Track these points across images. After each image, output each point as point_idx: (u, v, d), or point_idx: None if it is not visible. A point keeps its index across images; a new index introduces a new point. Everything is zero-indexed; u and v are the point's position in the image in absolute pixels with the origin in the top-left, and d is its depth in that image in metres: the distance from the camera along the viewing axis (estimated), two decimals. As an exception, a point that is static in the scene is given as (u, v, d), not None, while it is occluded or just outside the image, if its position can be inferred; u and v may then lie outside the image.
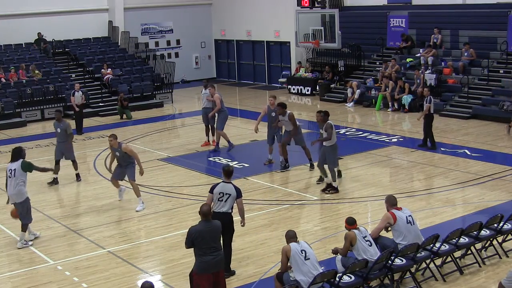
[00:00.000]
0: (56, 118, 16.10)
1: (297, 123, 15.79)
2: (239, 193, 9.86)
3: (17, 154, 11.75)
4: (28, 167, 11.65)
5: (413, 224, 9.55)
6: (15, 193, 11.54)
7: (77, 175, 16.14)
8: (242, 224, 10.11)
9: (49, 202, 14.49)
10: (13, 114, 24.34)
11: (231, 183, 9.91)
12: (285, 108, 15.78)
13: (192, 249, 8.54)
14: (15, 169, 11.54)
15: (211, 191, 9.87)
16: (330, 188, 14.06)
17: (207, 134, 19.05)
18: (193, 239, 8.45)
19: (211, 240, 8.47)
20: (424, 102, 17.36)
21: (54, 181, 15.85)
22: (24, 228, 11.73)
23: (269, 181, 15.32)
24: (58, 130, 15.92)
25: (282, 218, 12.72)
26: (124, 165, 13.66)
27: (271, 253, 10.86)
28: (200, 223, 8.60)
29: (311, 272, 8.44)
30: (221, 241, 8.90)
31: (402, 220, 9.45)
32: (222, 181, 9.95)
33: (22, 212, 11.65)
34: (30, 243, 11.81)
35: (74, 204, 14.30)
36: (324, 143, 14.00)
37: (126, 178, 13.77)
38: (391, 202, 9.71)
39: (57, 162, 15.88)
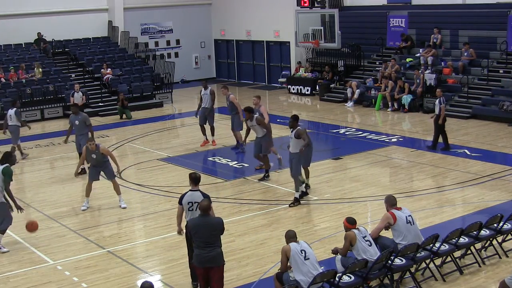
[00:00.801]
0: (73, 111, 16.45)
1: (270, 127, 14.91)
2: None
3: (4, 157, 11.50)
4: (7, 174, 11.28)
5: (413, 224, 9.55)
6: None
7: (84, 169, 16.25)
8: None
9: (49, 202, 14.48)
10: (12, 114, 24.31)
11: (198, 190, 9.37)
12: (251, 112, 15.03)
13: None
14: None
15: (180, 202, 9.37)
16: (294, 201, 13.29)
17: (204, 134, 19.03)
18: (189, 231, 8.56)
19: (206, 235, 8.41)
20: (438, 103, 17.02)
21: (83, 171, 15.88)
22: (3, 232, 11.50)
23: (269, 181, 15.31)
24: (76, 122, 16.17)
25: (281, 218, 12.71)
26: (99, 166, 13.53)
27: (270, 253, 10.86)
28: (198, 217, 8.63)
29: (311, 272, 8.44)
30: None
31: (402, 220, 9.45)
32: (190, 190, 9.41)
33: (2, 214, 11.37)
34: (5, 248, 11.54)
35: (74, 204, 14.29)
36: (291, 150, 13.17)
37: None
38: (391, 202, 9.71)
39: (80, 154, 16.00)
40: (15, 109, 18.36)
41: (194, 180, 9.40)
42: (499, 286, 7.38)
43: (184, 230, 9.49)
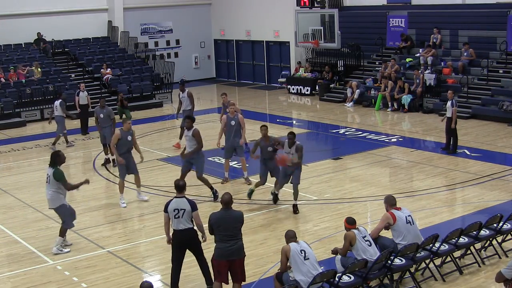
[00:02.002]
0: (100, 105, 17.09)
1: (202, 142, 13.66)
2: (193, 207, 9.14)
3: (52, 159, 11.15)
4: (59, 178, 10.97)
5: (413, 224, 9.55)
6: (48, 199, 11.17)
7: (108, 160, 17.06)
8: (203, 239, 9.36)
9: (48, 202, 14.46)
10: (12, 114, 24.34)
11: (184, 197, 9.23)
12: (193, 121, 13.79)
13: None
14: (49, 176, 11.05)
15: (165, 210, 9.18)
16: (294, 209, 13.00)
17: (181, 138, 18.41)
18: (212, 225, 8.65)
19: (229, 228, 8.60)
20: (450, 106, 16.75)
21: (107, 161, 17.03)
22: (62, 233, 11.34)
23: (268, 181, 15.28)
24: (101, 115, 16.89)
25: (281, 218, 12.71)
26: (129, 152, 13.85)
27: (270, 253, 10.87)
28: (220, 211, 8.77)
29: (311, 272, 8.44)
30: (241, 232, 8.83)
31: (401, 220, 9.45)
32: (175, 197, 9.26)
33: (61, 217, 11.31)
34: (65, 250, 11.41)
35: (73, 204, 14.21)
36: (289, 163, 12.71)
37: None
38: (390, 202, 9.71)
39: (104, 145, 17.03)
40: (60, 100, 19.70)
41: (178, 187, 9.26)
42: (496, 277, 7.42)
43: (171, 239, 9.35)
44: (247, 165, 15.26)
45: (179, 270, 9.34)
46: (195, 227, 9.23)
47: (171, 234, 9.35)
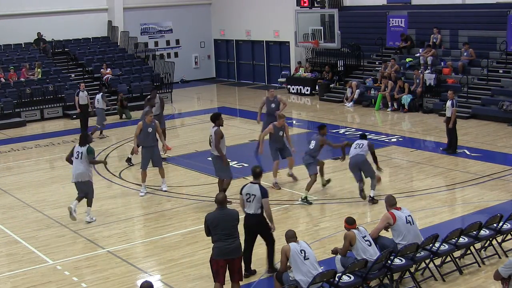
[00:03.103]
0: (152, 95, 17.98)
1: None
2: (264, 194, 9.58)
3: (84, 139, 12.85)
4: (92, 152, 12.81)
5: (413, 224, 9.55)
6: (79, 173, 12.64)
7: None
8: (271, 229, 9.86)
9: (48, 202, 14.48)
10: (12, 114, 24.33)
11: (258, 183, 9.77)
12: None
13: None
14: (81, 152, 12.64)
15: (240, 192, 9.86)
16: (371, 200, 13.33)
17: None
18: (208, 225, 8.66)
19: (226, 227, 8.60)
20: (450, 106, 16.70)
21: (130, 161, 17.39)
22: (90, 202, 12.90)
23: (268, 181, 15.29)
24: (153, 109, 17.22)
25: (281, 218, 12.71)
26: (152, 146, 14.41)
27: (270, 253, 10.86)
28: (215, 210, 8.79)
29: (311, 272, 8.45)
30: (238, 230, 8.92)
31: (401, 220, 9.45)
32: (250, 182, 9.90)
33: (87, 190, 12.81)
34: (94, 218, 12.98)
35: (73, 204, 14.28)
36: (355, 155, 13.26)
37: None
38: (390, 202, 9.71)
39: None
40: (101, 93, 20.93)
41: (254, 174, 9.89)
42: (494, 274, 7.52)
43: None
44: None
45: (250, 250, 9.83)
46: (264, 214, 9.69)
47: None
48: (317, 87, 27.44)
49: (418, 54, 25.07)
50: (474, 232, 10.13)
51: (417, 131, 20.62)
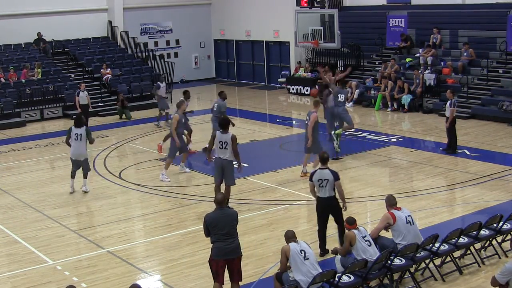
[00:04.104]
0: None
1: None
2: (336, 177, 10.29)
3: (79, 121, 14.40)
4: (90, 134, 14.53)
5: (413, 224, 9.55)
6: (80, 153, 14.41)
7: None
8: (344, 208, 10.55)
9: (48, 202, 14.47)
10: (12, 114, 24.32)
11: (327, 168, 10.36)
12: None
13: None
14: (81, 134, 14.24)
15: (311, 179, 10.43)
16: None
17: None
18: (208, 225, 8.64)
19: (225, 227, 8.58)
20: (448, 106, 16.73)
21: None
22: (86, 175, 14.78)
23: (268, 181, 15.32)
24: (214, 107, 17.85)
25: (281, 218, 12.72)
26: (181, 137, 15.76)
27: (270, 253, 10.87)
28: (214, 211, 8.77)
29: (311, 272, 8.45)
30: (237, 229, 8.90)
31: (401, 220, 9.46)
32: (319, 168, 10.43)
33: (85, 166, 14.63)
34: (88, 189, 14.81)
35: (73, 204, 14.30)
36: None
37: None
38: (391, 202, 9.72)
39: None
40: (164, 82, 23.67)
41: (322, 159, 10.47)
42: (491, 281, 7.48)
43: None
44: None
45: (324, 230, 10.51)
46: (337, 195, 10.35)
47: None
48: (317, 87, 27.41)
49: (418, 54, 25.07)
50: (474, 232, 10.13)
51: (417, 131, 20.62)
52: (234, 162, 12.72)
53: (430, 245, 9.65)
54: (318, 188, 10.36)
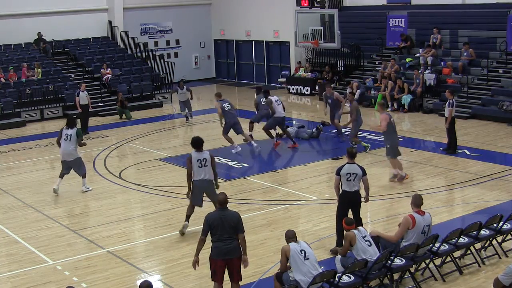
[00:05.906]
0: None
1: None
2: (364, 172, 10.59)
3: (71, 122, 14.44)
4: (80, 134, 14.56)
5: (426, 234, 9.42)
6: (68, 153, 14.34)
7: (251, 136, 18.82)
8: (365, 200, 10.88)
9: (48, 202, 14.47)
10: (12, 114, 24.32)
11: (355, 163, 10.61)
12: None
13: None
14: (71, 135, 14.24)
15: (338, 173, 10.58)
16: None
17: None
18: (210, 225, 8.63)
19: (225, 228, 8.58)
20: (447, 106, 16.69)
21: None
22: (84, 175, 14.81)
23: (268, 181, 15.32)
24: (261, 101, 18.84)
25: (281, 218, 12.72)
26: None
27: (270, 253, 10.86)
28: (216, 211, 8.79)
29: (311, 272, 8.44)
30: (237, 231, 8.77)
31: (418, 229, 9.29)
32: (347, 163, 10.64)
33: (77, 166, 14.63)
34: (90, 188, 14.88)
35: (73, 204, 14.29)
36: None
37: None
38: (416, 202, 9.58)
39: (251, 122, 19.18)
40: (185, 87, 23.42)
41: (350, 154, 10.71)
42: (494, 283, 7.41)
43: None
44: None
45: (341, 224, 10.13)
46: (361, 190, 10.64)
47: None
48: (317, 87, 27.44)
49: (418, 54, 25.07)
50: (474, 232, 10.13)
51: (417, 131, 20.62)
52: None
53: (430, 245, 9.64)
54: (346, 182, 10.49)
